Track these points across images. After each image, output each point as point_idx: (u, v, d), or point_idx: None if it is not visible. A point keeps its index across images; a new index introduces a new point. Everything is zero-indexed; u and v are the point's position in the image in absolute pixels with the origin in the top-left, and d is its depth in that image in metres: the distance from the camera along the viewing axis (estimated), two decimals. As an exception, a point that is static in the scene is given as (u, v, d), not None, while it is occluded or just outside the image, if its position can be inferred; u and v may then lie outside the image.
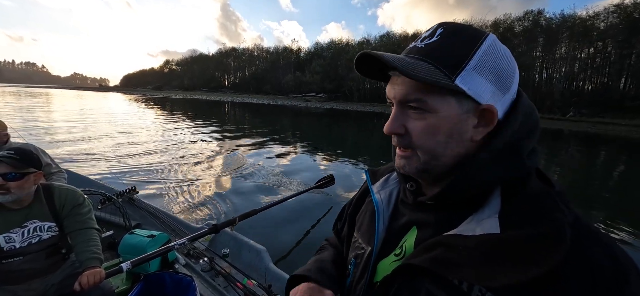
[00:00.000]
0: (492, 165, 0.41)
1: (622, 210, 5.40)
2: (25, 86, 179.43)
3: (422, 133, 0.43)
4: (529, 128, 0.42)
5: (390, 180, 0.59)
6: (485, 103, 0.40)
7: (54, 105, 25.43)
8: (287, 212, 3.97)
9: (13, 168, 1.32)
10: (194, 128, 13.29)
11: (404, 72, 0.39)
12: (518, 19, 51.01)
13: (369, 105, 51.68)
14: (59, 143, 8.38)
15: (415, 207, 0.50)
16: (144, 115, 18.85)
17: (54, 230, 1.47)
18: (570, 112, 36.50)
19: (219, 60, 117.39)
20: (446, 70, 0.39)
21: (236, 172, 6.30)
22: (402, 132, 0.44)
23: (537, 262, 0.33)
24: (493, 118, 0.41)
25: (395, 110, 0.45)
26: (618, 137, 20.08)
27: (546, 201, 0.37)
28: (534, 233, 0.35)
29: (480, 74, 0.40)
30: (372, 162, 8.21)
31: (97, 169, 5.93)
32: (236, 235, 2.47)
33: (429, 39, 0.43)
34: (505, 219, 0.38)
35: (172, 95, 76.76)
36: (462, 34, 0.41)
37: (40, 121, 13.54)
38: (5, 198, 1.32)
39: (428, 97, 0.41)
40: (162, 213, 2.98)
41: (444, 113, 0.41)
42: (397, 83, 0.44)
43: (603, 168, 9.96)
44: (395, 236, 0.51)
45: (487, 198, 0.41)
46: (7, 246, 1.35)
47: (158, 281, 1.82)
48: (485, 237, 0.37)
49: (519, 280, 0.33)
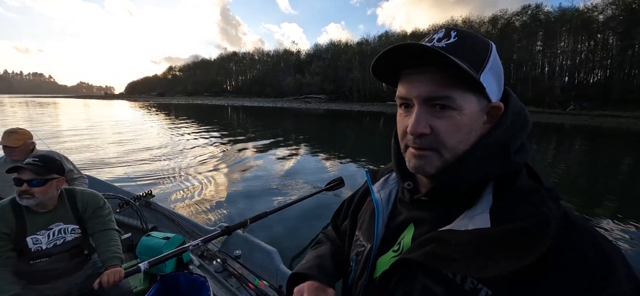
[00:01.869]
0: (482, 161, 0.43)
1: (616, 201, 5.42)
2: (34, 96, 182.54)
3: (449, 132, 0.43)
4: (518, 126, 0.45)
5: (389, 180, 0.61)
6: (495, 101, 0.44)
7: (65, 114, 25.83)
8: (296, 214, 4.01)
9: (36, 175, 1.41)
10: (200, 133, 13.48)
11: (449, 61, 0.39)
12: (516, 14, 51.04)
13: (368, 104, 52.00)
14: (77, 150, 8.65)
15: (412, 204, 0.52)
16: (151, 122, 19.20)
17: (77, 232, 1.55)
18: (571, 106, 36.39)
19: (220, 65, 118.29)
20: (473, 67, 0.41)
21: (244, 174, 6.40)
22: (427, 132, 0.44)
23: (524, 253, 0.34)
24: (499, 114, 0.44)
25: (419, 109, 0.44)
26: (619, 129, 20.04)
27: (534, 196, 0.39)
28: (521, 227, 0.36)
29: (492, 74, 0.43)
30: (376, 160, 8.27)
31: (114, 174, 6.11)
32: (248, 237, 2.52)
33: (448, 40, 0.43)
34: (495, 214, 0.39)
35: (175, 100, 77.57)
36: (474, 37, 0.44)
37: (57, 130, 13.95)
38: (30, 202, 1.41)
39: (456, 94, 0.42)
40: (177, 216, 3.04)
41: (467, 110, 0.42)
42: (418, 81, 0.44)
43: (601, 161, 9.98)
44: (393, 234, 0.53)
45: (480, 194, 0.43)
46: (34, 247, 1.43)
47: (173, 281, 1.88)
48: (477, 232, 0.39)
49: (507, 270, 0.35)
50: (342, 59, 69.45)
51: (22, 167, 1.39)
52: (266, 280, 2.05)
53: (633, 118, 26.75)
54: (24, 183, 1.39)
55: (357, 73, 62.88)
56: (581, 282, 0.34)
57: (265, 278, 2.07)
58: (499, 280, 0.36)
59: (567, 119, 27.91)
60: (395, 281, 0.46)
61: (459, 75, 0.40)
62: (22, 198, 1.39)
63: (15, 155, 2.07)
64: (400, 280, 0.45)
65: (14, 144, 2.05)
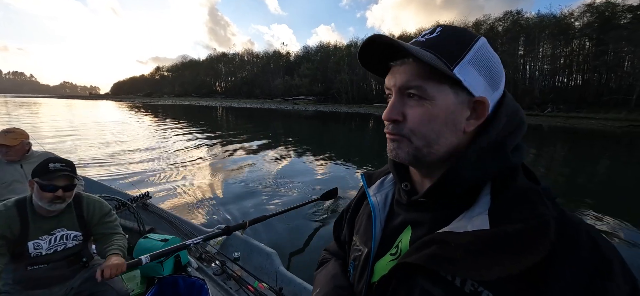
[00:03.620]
0: (478, 161, 0.43)
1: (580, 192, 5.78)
2: (14, 96, 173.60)
3: (419, 120, 0.44)
4: (514, 126, 0.45)
5: (385, 183, 0.61)
6: (479, 95, 0.43)
7: (50, 114, 24.84)
8: (295, 215, 3.99)
9: (70, 180, 1.40)
10: (193, 134, 13.33)
11: (412, 52, 0.41)
12: (498, 20, 52.73)
13: (355, 106, 52.53)
14: (71, 151, 8.42)
15: (410, 206, 0.51)
16: (142, 122, 18.92)
17: (78, 238, 1.52)
18: (549, 108, 37.88)
19: (209, 66, 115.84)
20: (446, 60, 0.42)
21: (240, 176, 6.35)
22: (399, 119, 0.46)
23: (524, 255, 0.35)
24: (485, 110, 0.44)
25: (395, 97, 0.47)
26: (590, 130, 21.36)
27: (532, 197, 0.39)
28: (520, 228, 0.36)
29: (474, 67, 0.43)
30: (369, 160, 8.37)
31: (109, 175, 5.97)
32: (247, 239, 2.51)
33: (430, 35, 0.46)
34: (494, 215, 0.39)
35: (162, 101, 75.92)
36: (459, 32, 0.45)
37: (46, 130, 13.45)
38: (61, 207, 1.40)
39: (427, 84, 0.43)
40: (175, 218, 3.00)
41: (440, 101, 0.43)
42: (398, 71, 0.46)
43: (567, 157, 10.74)
44: (391, 237, 0.52)
45: (478, 195, 0.43)
46: (34, 253, 1.40)
47: (172, 284, 1.86)
48: (476, 233, 0.38)
49: (508, 272, 0.35)
50: (330, 60, 69.72)
51: (56, 173, 1.36)
52: (265, 282, 2.05)
53: (603, 120, 28.58)
54: (59, 189, 1.36)
55: (345, 75, 63.29)
56: (580, 282, 0.34)
57: (264, 281, 2.07)
58: (500, 282, 0.36)
59: (544, 120, 29.34)
60: (394, 285, 0.45)
61: (432, 66, 0.41)
62: (55, 203, 1.37)
63: (11, 154, 2.03)
64: (400, 284, 0.45)
65: (10, 143, 2.01)
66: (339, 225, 0.75)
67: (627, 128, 22.50)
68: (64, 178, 1.37)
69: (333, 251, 0.75)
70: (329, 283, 0.61)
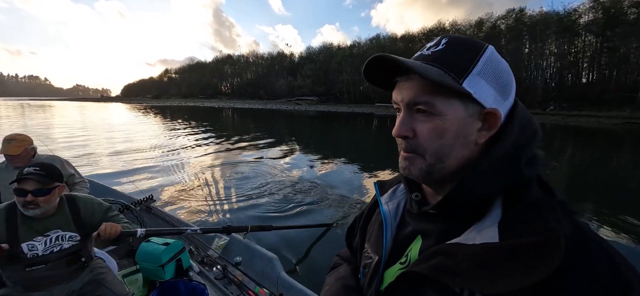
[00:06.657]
0: (491, 174, 0.42)
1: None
2: (30, 99, 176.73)
3: (430, 136, 0.43)
4: (528, 136, 0.43)
5: (397, 192, 0.61)
6: (490, 107, 0.42)
7: (64, 116, 25.30)
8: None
9: (41, 185, 1.38)
10: (199, 136, 13.42)
11: (418, 71, 0.40)
12: (501, 17, 52.29)
13: (356, 106, 52.73)
14: (78, 154, 8.50)
15: (420, 216, 0.51)
16: (149, 124, 19.21)
17: (75, 239, 1.52)
18: (551, 106, 37.53)
19: (215, 68, 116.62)
20: (454, 74, 0.41)
21: (244, 181, 6.32)
22: (410, 135, 0.45)
23: (532, 271, 0.34)
24: (497, 121, 0.43)
25: (403, 113, 0.46)
26: (592, 128, 21.27)
27: (544, 210, 0.38)
28: (529, 243, 0.35)
29: (484, 78, 0.42)
30: (372, 164, 8.32)
31: (114, 178, 6.01)
32: (248, 243, 2.51)
33: (435, 48, 0.44)
34: (504, 228, 0.38)
35: (169, 102, 77.14)
36: (465, 43, 0.44)
37: (56, 133, 13.68)
38: (35, 212, 1.38)
39: (436, 99, 0.42)
40: (177, 222, 3.02)
41: (450, 115, 0.42)
42: (405, 87, 0.45)
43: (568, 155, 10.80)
44: (401, 246, 0.52)
45: (489, 207, 0.42)
46: (30, 254, 1.40)
47: (173, 288, 1.86)
48: (485, 246, 0.38)
49: (515, 287, 0.34)
50: (333, 61, 69.72)
51: (26, 177, 1.36)
52: (267, 288, 2.05)
53: (605, 118, 28.46)
54: (28, 194, 1.36)
55: (347, 75, 63.25)
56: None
57: (265, 286, 2.07)
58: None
59: (547, 119, 29.16)
60: (401, 293, 0.45)
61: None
62: (28, 208, 1.37)
63: (17, 162, 2.04)
64: (406, 293, 0.45)
65: (14, 153, 2.01)
66: (351, 232, 0.76)
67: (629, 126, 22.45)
68: (32, 183, 1.35)
69: (345, 257, 0.76)
70: (338, 283, 0.64)
